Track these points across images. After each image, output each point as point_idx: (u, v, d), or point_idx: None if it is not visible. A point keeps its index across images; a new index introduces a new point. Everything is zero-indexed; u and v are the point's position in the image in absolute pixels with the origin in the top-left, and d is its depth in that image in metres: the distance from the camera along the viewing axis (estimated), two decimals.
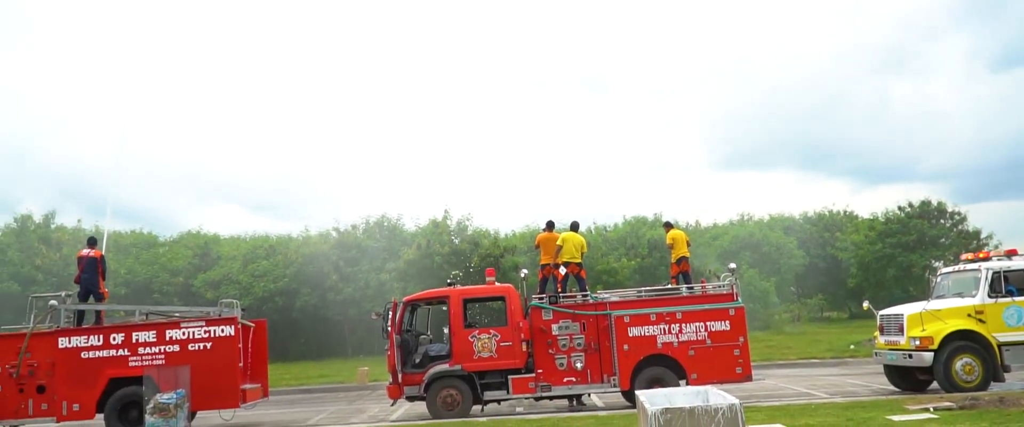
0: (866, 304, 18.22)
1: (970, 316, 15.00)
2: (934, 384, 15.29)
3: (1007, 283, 15.06)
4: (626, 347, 15.26)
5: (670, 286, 17.06)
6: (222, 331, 15.18)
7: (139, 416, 14.50)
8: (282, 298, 40.59)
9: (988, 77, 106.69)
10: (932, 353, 14.73)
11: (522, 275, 17.13)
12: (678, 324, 15.33)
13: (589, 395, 16.56)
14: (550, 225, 17.29)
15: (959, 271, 16.24)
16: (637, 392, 7.78)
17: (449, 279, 17.46)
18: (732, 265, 16.64)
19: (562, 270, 16.16)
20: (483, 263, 35.00)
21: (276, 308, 39.44)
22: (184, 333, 15.13)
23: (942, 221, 45.54)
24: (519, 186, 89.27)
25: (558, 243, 16.29)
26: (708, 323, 15.35)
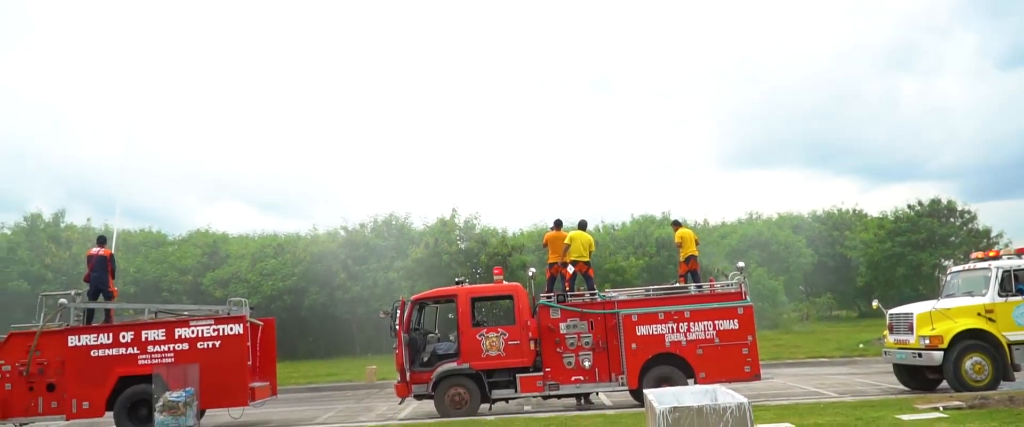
0: (875, 303, 18.15)
1: (980, 315, 14.93)
2: (944, 383, 15.23)
3: (1017, 282, 14.99)
4: (634, 346, 15.24)
5: (678, 285, 17.04)
6: (231, 329, 15.22)
7: (148, 414, 14.57)
8: (290, 296, 40.68)
9: (997, 74, 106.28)
10: (942, 352, 14.68)
11: (530, 274, 17.15)
12: (686, 323, 15.30)
13: (597, 394, 16.55)
14: (558, 224, 17.28)
15: (969, 270, 16.17)
16: (645, 391, 7.78)
17: (457, 279, 17.46)
18: (740, 264, 16.60)
19: (570, 269, 16.14)
20: (491, 262, 35.02)
21: (284, 306, 39.53)
22: (193, 331, 15.18)
23: (952, 220, 45.37)
24: (527, 185, 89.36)
25: (566, 242, 16.27)
26: (716, 322, 15.33)
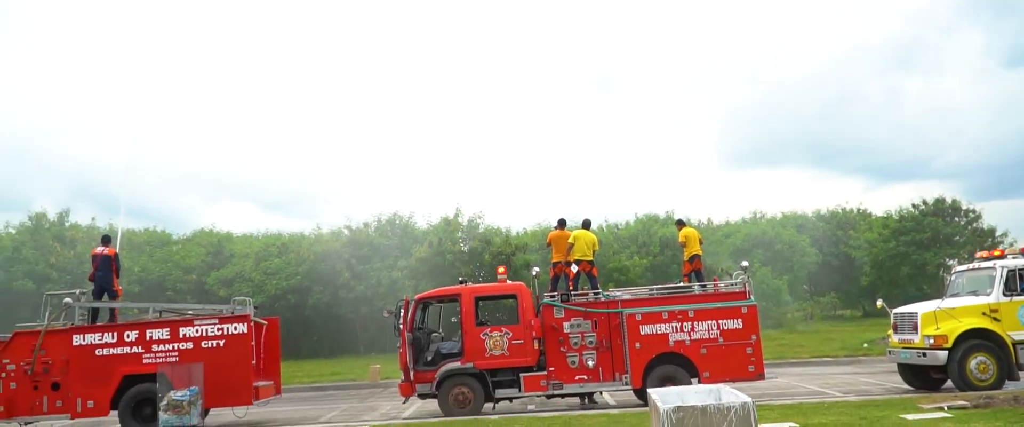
0: (880, 302, 18.10)
1: (985, 314, 14.90)
2: (948, 383, 15.22)
3: (1022, 281, 14.95)
4: (638, 345, 15.23)
5: (682, 284, 17.03)
6: (235, 329, 15.23)
7: (153, 413, 14.60)
8: (294, 296, 40.73)
9: (1002, 73, 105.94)
10: (946, 352, 14.64)
11: (534, 273, 17.14)
12: (690, 322, 15.28)
13: (601, 393, 16.55)
14: (562, 223, 17.28)
15: (974, 269, 16.13)
16: (649, 390, 7.77)
17: (460, 278, 17.47)
18: (744, 263, 16.59)
19: (574, 268, 16.15)
20: (495, 261, 35.02)
21: (288, 306, 39.56)
22: (197, 331, 15.19)
23: (956, 219, 45.22)
24: (531, 184, 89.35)
25: (570, 241, 16.28)
26: (720, 321, 15.31)
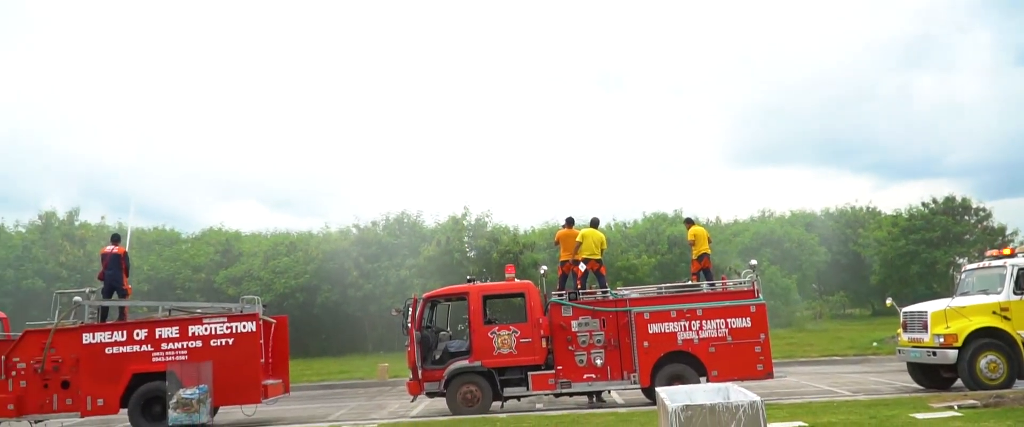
0: (889, 301, 18.02)
1: (995, 313, 14.80)
2: (958, 382, 15.12)
3: None
4: (646, 344, 15.20)
5: (690, 283, 16.98)
6: (244, 327, 15.24)
7: (162, 411, 14.68)
8: (303, 294, 40.83)
9: (1013, 71, 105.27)
10: (956, 350, 14.55)
11: (542, 271, 17.13)
12: (698, 321, 15.25)
13: (609, 392, 16.53)
14: (570, 221, 17.26)
15: (984, 268, 16.04)
16: (657, 389, 7.76)
17: (467, 277, 17.48)
18: (753, 262, 16.53)
19: (582, 266, 16.13)
20: (503, 260, 35.01)
21: (297, 304, 39.66)
22: (206, 329, 15.21)
23: (966, 217, 45.00)
24: (539, 183, 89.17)
25: (578, 239, 16.26)
26: (729, 320, 15.27)
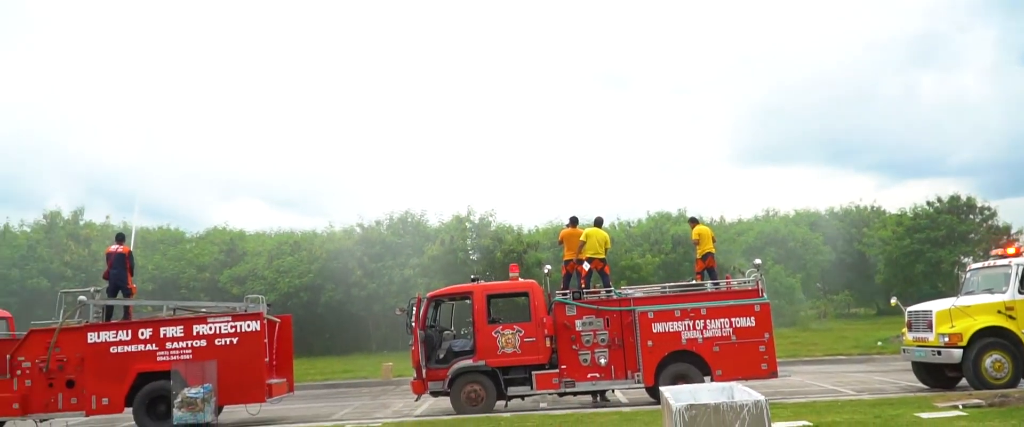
0: (894, 300, 17.97)
1: (1000, 312, 14.76)
2: (963, 381, 15.10)
3: None
4: (650, 343, 15.19)
5: (695, 282, 16.98)
6: (248, 326, 15.26)
7: (167, 410, 14.69)
8: (307, 294, 40.85)
9: (1018, 69, 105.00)
10: (961, 350, 14.51)
11: (545, 271, 17.13)
12: (703, 320, 15.23)
13: (613, 391, 16.53)
14: (574, 221, 17.27)
15: (989, 267, 16.00)
16: (661, 388, 7.75)
17: (471, 276, 17.49)
18: (757, 261, 16.53)
19: (586, 266, 16.13)
20: (506, 259, 35.00)
21: (301, 304, 39.68)
22: (211, 328, 15.22)
23: (971, 216, 44.85)
24: (543, 182, 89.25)
25: (582, 239, 16.26)
26: (733, 319, 15.25)
